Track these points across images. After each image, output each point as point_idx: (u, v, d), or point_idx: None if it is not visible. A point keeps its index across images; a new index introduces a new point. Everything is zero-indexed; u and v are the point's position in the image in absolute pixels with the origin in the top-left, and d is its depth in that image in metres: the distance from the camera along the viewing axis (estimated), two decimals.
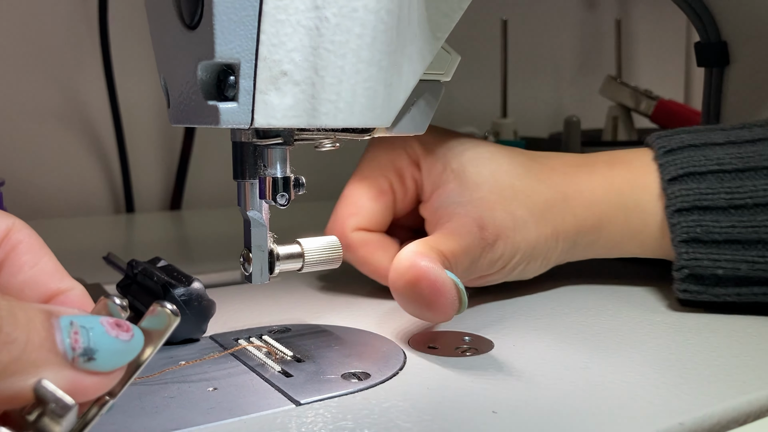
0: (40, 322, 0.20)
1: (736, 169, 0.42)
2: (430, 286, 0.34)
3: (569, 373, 0.32)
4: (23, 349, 0.19)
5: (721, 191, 0.41)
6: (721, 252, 0.40)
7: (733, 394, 0.30)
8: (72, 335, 0.20)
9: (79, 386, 0.20)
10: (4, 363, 0.19)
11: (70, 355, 0.20)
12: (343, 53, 0.30)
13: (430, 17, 0.32)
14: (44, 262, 0.25)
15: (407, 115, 0.35)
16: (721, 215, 0.41)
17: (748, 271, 0.40)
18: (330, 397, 0.29)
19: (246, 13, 0.28)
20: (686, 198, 0.41)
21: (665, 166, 0.43)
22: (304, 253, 0.35)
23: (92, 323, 0.21)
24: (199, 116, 0.30)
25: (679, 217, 0.41)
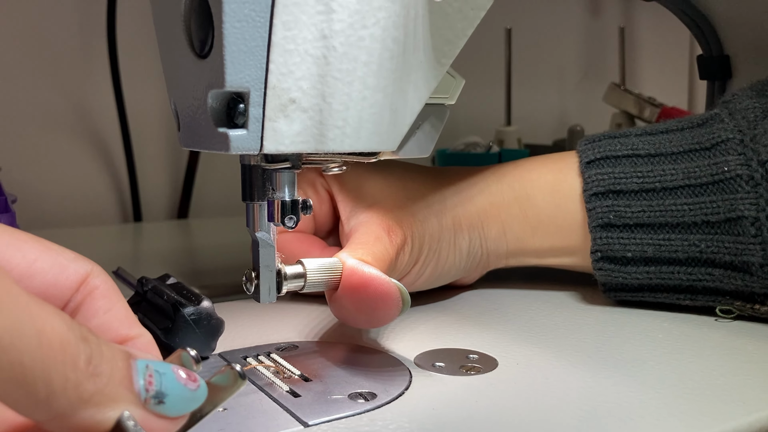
0: (121, 360, 0.21)
1: (649, 154, 0.45)
2: (376, 289, 0.35)
3: (572, 392, 0.33)
4: (107, 383, 0.20)
5: (634, 175, 0.44)
6: (630, 236, 0.44)
7: (735, 414, 0.30)
8: (147, 377, 0.22)
9: (147, 426, 0.21)
10: (90, 393, 0.20)
11: (144, 396, 0.21)
12: (350, 81, 0.31)
13: (435, 44, 0.33)
14: (117, 308, 0.26)
15: (413, 139, 0.36)
16: (633, 199, 0.44)
17: (654, 252, 0.43)
18: (337, 418, 0.30)
19: (255, 44, 0.29)
20: (602, 182, 0.45)
21: (584, 152, 0.46)
22: (306, 273, 0.36)
23: (165, 369, 0.22)
24: (210, 142, 0.31)
25: (595, 202, 0.45)
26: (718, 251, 0.42)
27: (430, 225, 0.44)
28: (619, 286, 0.46)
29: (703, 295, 0.44)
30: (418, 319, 0.44)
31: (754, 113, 0.43)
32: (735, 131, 0.43)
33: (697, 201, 0.42)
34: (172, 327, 0.36)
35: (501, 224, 0.48)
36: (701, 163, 0.43)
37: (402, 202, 0.44)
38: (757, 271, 0.41)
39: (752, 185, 0.41)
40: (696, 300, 0.44)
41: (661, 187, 0.44)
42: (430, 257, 0.45)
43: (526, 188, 0.47)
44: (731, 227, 0.41)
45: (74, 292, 0.26)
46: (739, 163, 0.41)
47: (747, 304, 0.42)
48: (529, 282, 0.53)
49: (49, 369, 0.19)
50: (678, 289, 0.44)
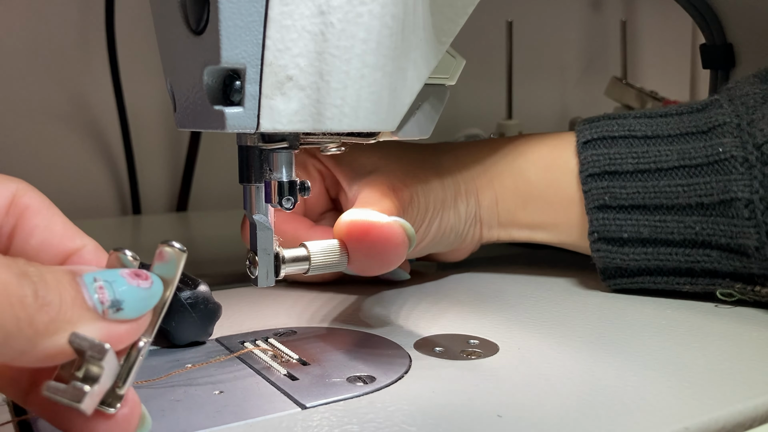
0: (67, 282, 0.21)
1: (645, 136, 0.45)
2: (380, 230, 0.35)
3: (573, 377, 0.32)
4: (58, 309, 0.20)
5: (629, 156, 0.44)
6: (626, 216, 0.44)
7: (739, 399, 0.30)
8: (98, 290, 0.22)
9: (113, 335, 0.22)
10: (44, 324, 0.20)
11: (100, 309, 0.21)
12: (348, 58, 0.30)
13: (435, 22, 0.33)
14: (54, 222, 0.26)
15: (412, 119, 0.35)
16: (627, 180, 0.44)
17: (650, 233, 0.43)
18: (335, 400, 0.29)
19: (252, 19, 0.28)
20: (597, 162, 0.45)
21: (581, 131, 0.46)
22: (311, 255, 0.35)
23: (113, 276, 0.22)
24: (205, 121, 0.30)
25: (591, 183, 0.45)
26: (713, 233, 0.42)
27: (434, 188, 0.45)
28: (617, 270, 0.45)
29: (702, 278, 0.43)
30: (416, 304, 0.44)
31: (753, 99, 0.43)
32: (733, 115, 0.42)
33: (691, 182, 0.42)
34: (168, 311, 0.35)
35: (494, 193, 0.48)
36: (696, 145, 0.43)
37: (403, 168, 0.45)
38: (753, 254, 0.40)
39: (747, 167, 0.40)
40: (696, 284, 0.43)
41: (656, 168, 0.43)
42: (435, 217, 0.45)
43: (519, 162, 0.48)
44: (725, 209, 0.41)
45: (4, 215, 0.25)
46: (735, 145, 0.41)
47: (747, 287, 0.42)
48: (531, 268, 0.53)
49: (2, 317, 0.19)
50: (677, 272, 0.44)
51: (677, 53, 1.24)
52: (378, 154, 0.45)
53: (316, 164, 0.46)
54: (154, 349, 0.36)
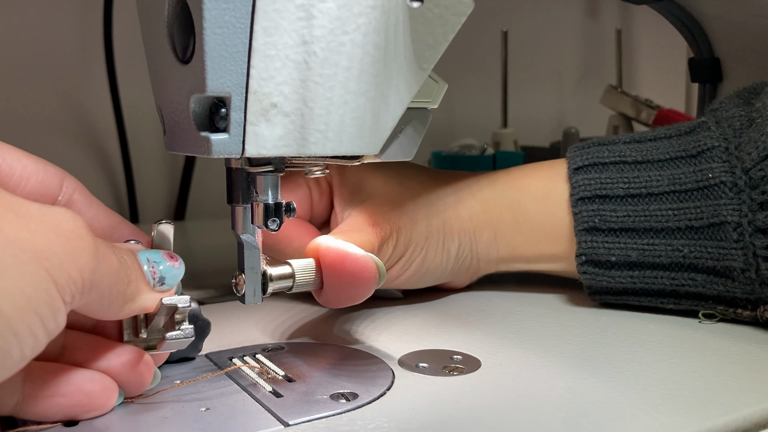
0: (134, 262, 0.29)
1: (636, 161, 0.45)
2: (353, 263, 0.36)
3: (554, 393, 0.33)
4: (135, 284, 0.29)
5: (620, 181, 0.45)
6: (615, 240, 0.44)
7: (717, 414, 0.31)
8: (151, 269, 0.30)
9: (158, 300, 0.31)
10: (129, 295, 0.29)
11: (153, 283, 0.30)
12: (331, 85, 0.31)
13: (416, 49, 0.33)
14: (96, 202, 0.34)
15: (395, 142, 0.36)
16: (618, 204, 0.44)
17: (638, 257, 0.44)
18: (318, 418, 0.30)
19: (236, 49, 0.29)
20: (588, 186, 0.45)
21: (573, 158, 0.47)
22: (295, 273, 0.36)
23: (158, 258, 0.31)
24: (192, 146, 0.31)
25: (581, 206, 0.45)
26: (701, 256, 0.42)
27: (419, 224, 0.45)
28: (603, 289, 0.46)
29: (686, 299, 0.44)
30: (404, 320, 0.45)
31: (740, 121, 0.44)
32: (721, 139, 0.43)
33: (682, 206, 0.43)
34: None
35: (492, 230, 0.48)
36: (686, 170, 0.43)
37: (395, 200, 0.45)
38: (738, 276, 0.41)
39: (736, 192, 0.41)
40: (680, 304, 0.44)
41: (647, 192, 0.44)
42: (415, 255, 0.45)
43: (517, 195, 0.48)
44: (714, 232, 0.42)
45: (60, 191, 0.32)
46: (724, 170, 0.42)
47: (729, 309, 0.43)
48: (517, 284, 0.54)
49: (111, 288, 0.27)
50: (662, 294, 0.45)
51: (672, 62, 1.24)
52: (381, 179, 0.46)
53: (327, 176, 0.47)
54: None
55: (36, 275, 0.23)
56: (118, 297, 0.28)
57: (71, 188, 0.33)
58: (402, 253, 0.44)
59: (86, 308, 0.27)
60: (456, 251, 0.47)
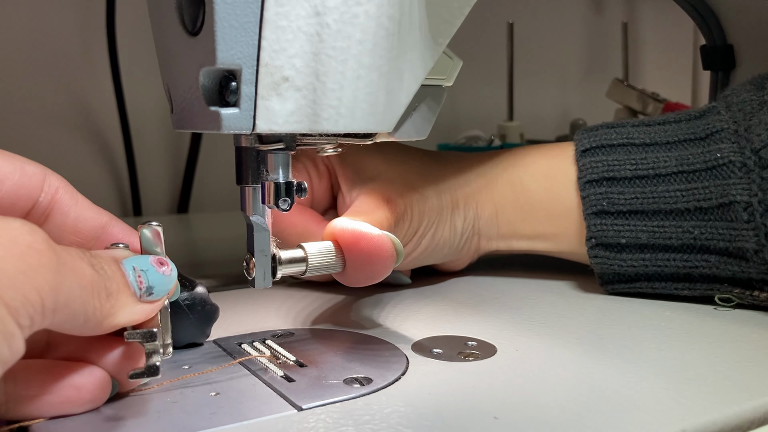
0: (117, 271, 0.27)
1: (644, 143, 0.45)
2: (369, 242, 0.35)
3: (571, 379, 0.32)
4: (116, 297, 0.26)
5: (628, 162, 0.44)
6: (624, 222, 0.44)
7: (736, 400, 0.30)
8: (137, 279, 0.27)
9: (147, 311, 0.28)
10: (108, 309, 0.26)
11: (138, 294, 0.27)
12: (344, 59, 0.30)
13: (431, 23, 0.32)
14: (81, 200, 0.31)
15: (409, 120, 0.35)
16: (626, 186, 0.44)
17: (648, 239, 0.43)
18: (331, 402, 0.29)
19: (247, 20, 0.28)
20: (596, 169, 0.45)
21: (580, 141, 0.47)
22: (308, 257, 0.35)
23: (146, 265, 0.28)
24: (202, 122, 0.30)
25: (589, 189, 0.45)
26: (712, 237, 0.41)
27: (430, 199, 0.45)
28: (615, 276, 0.45)
29: (700, 283, 0.43)
30: (416, 307, 0.44)
31: (750, 105, 0.43)
32: (730, 122, 0.43)
33: (690, 187, 0.42)
34: None
35: (494, 206, 0.48)
36: (695, 151, 0.43)
37: (403, 176, 0.45)
38: (752, 257, 0.40)
39: (745, 171, 0.40)
40: (694, 289, 0.43)
41: (654, 174, 0.43)
42: (427, 230, 0.45)
43: (519, 173, 0.48)
44: (724, 213, 0.41)
45: (40, 191, 0.29)
46: (733, 150, 0.41)
47: (746, 291, 0.42)
48: (529, 271, 0.53)
49: (85, 305, 0.25)
50: (675, 278, 0.44)
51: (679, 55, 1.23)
52: (381, 159, 0.46)
53: (324, 160, 0.47)
54: None
55: None
56: (95, 313, 0.25)
57: (53, 187, 0.30)
58: (416, 229, 0.44)
59: (58, 327, 0.24)
60: (462, 226, 0.47)
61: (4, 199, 0.28)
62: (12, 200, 0.29)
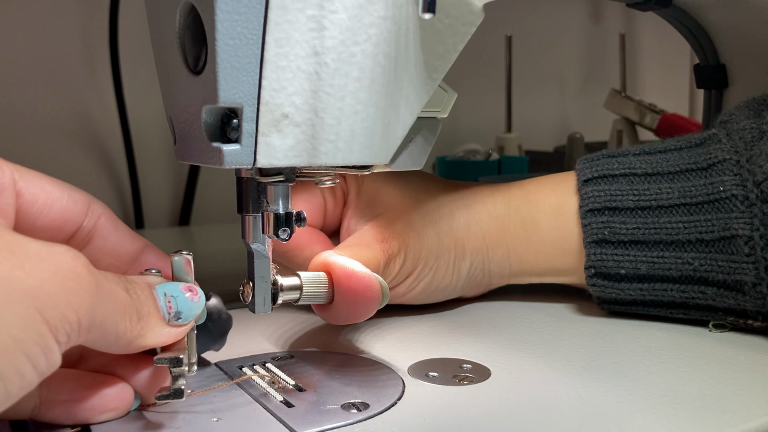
0: (149, 296, 0.29)
1: (646, 173, 0.45)
2: (359, 280, 0.36)
3: (563, 403, 0.33)
4: (146, 320, 0.29)
5: (630, 193, 0.45)
6: (624, 252, 0.44)
7: (724, 425, 0.31)
8: (167, 304, 0.30)
9: (173, 335, 0.30)
10: (138, 331, 0.28)
11: (167, 318, 0.30)
12: (341, 96, 0.31)
13: (426, 60, 0.34)
14: (121, 227, 0.34)
15: (405, 152, 0.36)
16: (628, 216, 0.44)
17: (648, 270, 0.44)
18: (329, 428, 0.30)
19: (248, 60, 0.29)
20: (598, 198, 0.45)
21: (582, 171, 0.47)
22: (303, 285, 0.36)
23: (176, 292, 0.30)
24: (204, 156, 0.31)
25: (591, 218, 0.45)
26: (711, 269, 0.42)
27: (430, 242, 0.45)
28: (612, 300, 0.46)
29: (696, 311, 0.44)
30: (413, 329, 0.45)
31: (751, 134, 0.43)
32: (732, 152, 0.43)
33: (692, 219, 0.43)
34: None
35: (506, 248, 0.48)
36: (697, 183, 0.43)
37: (408, 216, 0.45)
38: (749, 291, 0.41)
39: (747, 205, 0.41)
40: (690, 314, 0.44)
41: (657, 205, 0.44)
42: (425, 273, 0.45)
43: (531, 212, 0.48)
44: (725, 246, 0.41)
45: (85, 217, 0.32)
46: (735, 183, 0.42)
47: (740, 320, 0.43)
48: (525, 293, 0.53)
49: (117, 325, 0.27)
50: (672, 305, 0.45)
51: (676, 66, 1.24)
52: (398, 193, 0.45)
53: (343, 185, 0.47)
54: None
55: (26, 315, 0.23)
56: (126, 333, 0.28)
57: (97, 213, 0.33)
58: (410, 271, 0.44)
59: (92, 344, 0.27)
60: (468, 270, 0.47)
61: (53, 221, 0.31)
62: (59, 223, 0.32)
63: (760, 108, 0.46)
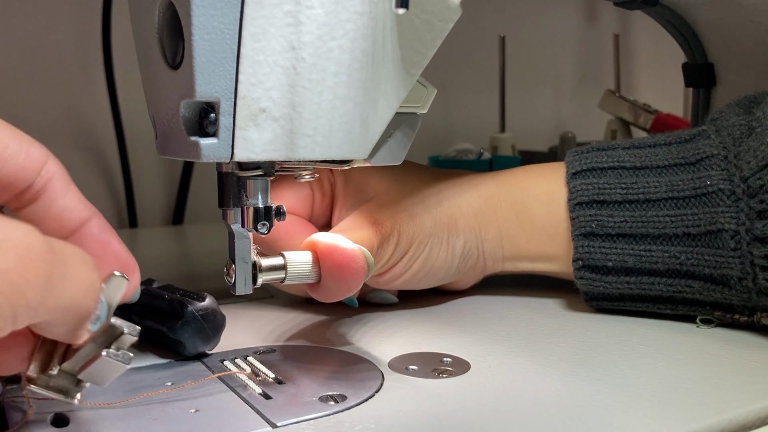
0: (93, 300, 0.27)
1: (634, 167, 0.45)
2: (341, 254, 0.37)
3: (542, 396, 0.33)
4: None
5: (618, 186, 0.45)
6: (611, 245, 0.45)
7: (698, 418, 0.31)
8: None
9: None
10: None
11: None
12: (319, 90, 0.31)
13: (404, 55, 0.34)
14: (73, 190, 0.31)
15: (384, 147, 0.36)
16: (615, 210, 0.45)
17: (635, 263, 0.44)
18: (306, 419, 0.31)
19: (225, 55, 0.29)
20: (586, 192, 0.45)
21: (571, 163, 0.47)
22: (287, 265, 0.37)
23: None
24: (183, 150, 0.32)
25: (579, 211, 0.45)
26: (698, 263, 0.42)
27: (422, 221, 0.45)
28: (600, 295, 0.46)
29: (683, 305, 0.44)
30: (396, 324, 0.45)
31: (740, 130, 0.44)
32: (720, 147, 0.43)
33: (679, 213, 0.43)
34: (181, 324, 0.37)
35: (497, 229, 0.48)
36: (685, 177, 0.43)
37: (397, 198, 0.45)
38: (735, 285, 0.41)
39: (733, 200, 0.41)
40: (677, 310, 0.45)
41: (644, 198, 0.44)
42: (419, 251, 0.46)
43: (522, 196, 0.48)
44: (711, 240, 0.42)
45: (37, 176, 0.29)
46: (722, 178, 0.42)
47: (727, 314, 0.43)
48: (512, 287, 0.54)
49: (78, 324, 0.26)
50: (659, 300, 0.45)
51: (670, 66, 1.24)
52: (385, 179, 0.46)
53: (330, 176, 0.47)
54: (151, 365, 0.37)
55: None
56: None
57: (50, 173, 0.30)
58: (405, 251, 0.45)
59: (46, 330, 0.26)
60: (462, 248, 0.48)
61: (3, 179, 0.29)
62: (9, 180, 0.29)
63: (750, 105, 0.46)
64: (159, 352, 0.39)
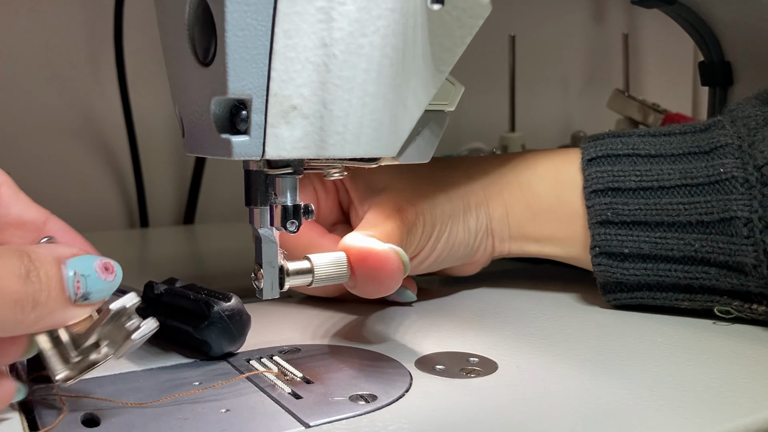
0: (53, 276, 0.27)
1: (648, 154, 0.46)
2: (375, 258, 0.37)
3: (570, 396, 0.33)
4: (44, 304, 0.26)
5: (633, 173, 0.45)
6: (627, 232, 0.45)
7: (730, 418, 0.31)
8: (75, 284, 0.27)
9: (76, 316, 0.28)
10: (33, 320, 0.26)
11: (74, 299, 0.27)
12: (350, 87, 0.31)
13: (434, 52, 0.34)
14: (21, 195, 0.32)
15: (413, 145, 0.36)
16: (630, 197, 0.45)
17: (650, 250, 0.44)
18: (338, 419, 0.30)
19: (257, 52, 0.29)
20: (601, 179, 0.46)
21: (587, 149, 0.48)
22: (314, 268, 0.36)
23: (89, 270, 0.28)
24: (213, 148, 0.31)
25: (594, 199, 0.46)
26: (712, 251, 0.42)
27: (441, 204, 0.46)
28: (617, 285, 0.46)
29: (700, 294, 0.44)
30: (418, 322, 0.45)
31: (755, 121, 0.44)
32: (734, 137, 0.43)
33: (693, 201, 0.43)
34: (207, 324, 0.37)
35: (504, 206, 0.49)
36: (698, 165, 0.44)
37: (412, 185, 0.46)
38: (751, 272, 0.41)
39: (747, 187, 0.41)
40: (694, 300, 0.44)
41: (659, 186, 0.44)
42: (442, 233, 0.46)
43: (528, 176, 0.49)
44: (725, 227, 0.42)
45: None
46: (736, 166, 0.42)
47: (745, 304, 0.43)
48: (531, 284, 0.54)
49: (5, 318, 0.25)
50: (676, 288, 0.45)
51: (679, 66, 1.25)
52: (391, 171, 0.47)
53: None
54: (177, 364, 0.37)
55: None
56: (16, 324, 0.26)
57: None
58: (430, 235, 0.45)
59: None
60: (475, 225, 0.48)
61: None
62: None
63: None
64: (184, 352, 0.39)
